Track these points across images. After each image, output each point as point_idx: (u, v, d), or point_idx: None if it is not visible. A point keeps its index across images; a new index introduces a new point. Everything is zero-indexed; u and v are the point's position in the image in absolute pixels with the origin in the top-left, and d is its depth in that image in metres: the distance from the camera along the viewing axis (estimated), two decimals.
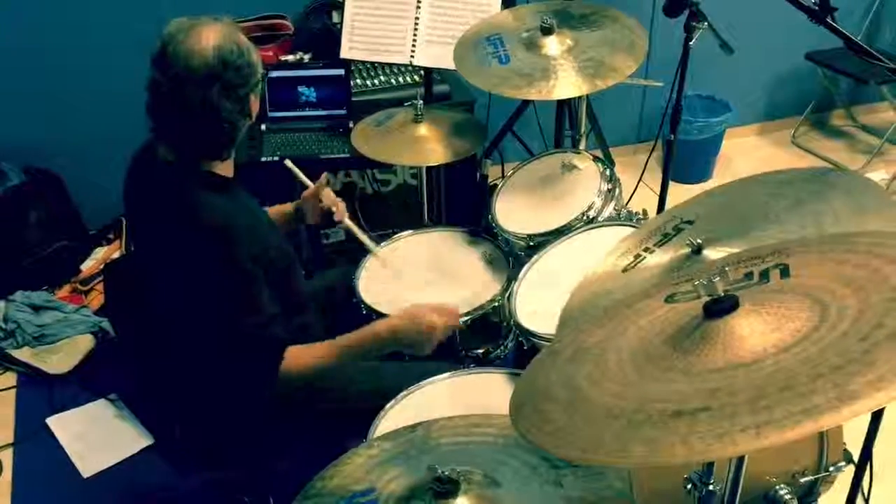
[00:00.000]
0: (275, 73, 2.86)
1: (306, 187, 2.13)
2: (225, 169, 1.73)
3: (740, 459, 1.12)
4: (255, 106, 1.69)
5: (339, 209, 2.09)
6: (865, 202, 1.41)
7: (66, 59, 3.11)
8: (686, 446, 0.82)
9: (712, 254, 1.46)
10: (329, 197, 2.09)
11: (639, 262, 1.59)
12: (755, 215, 1.50)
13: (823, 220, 1.39)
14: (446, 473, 1.15)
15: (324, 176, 2.10)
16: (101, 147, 3.14)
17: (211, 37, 1.58)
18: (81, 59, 3.12)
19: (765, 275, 1.06)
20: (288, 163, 2.17)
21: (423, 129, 2.28)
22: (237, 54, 1.60)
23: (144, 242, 1.83)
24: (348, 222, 2.12)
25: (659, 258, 1.56)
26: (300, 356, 1.68)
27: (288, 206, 2.13)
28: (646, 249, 1.60)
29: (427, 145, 2.25)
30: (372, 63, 3.07)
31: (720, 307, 0.98)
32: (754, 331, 0.94)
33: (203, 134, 1.64)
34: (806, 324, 0.92)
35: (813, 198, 1.46)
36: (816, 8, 1.75)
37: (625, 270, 1.60)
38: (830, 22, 1.74)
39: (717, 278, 0.99)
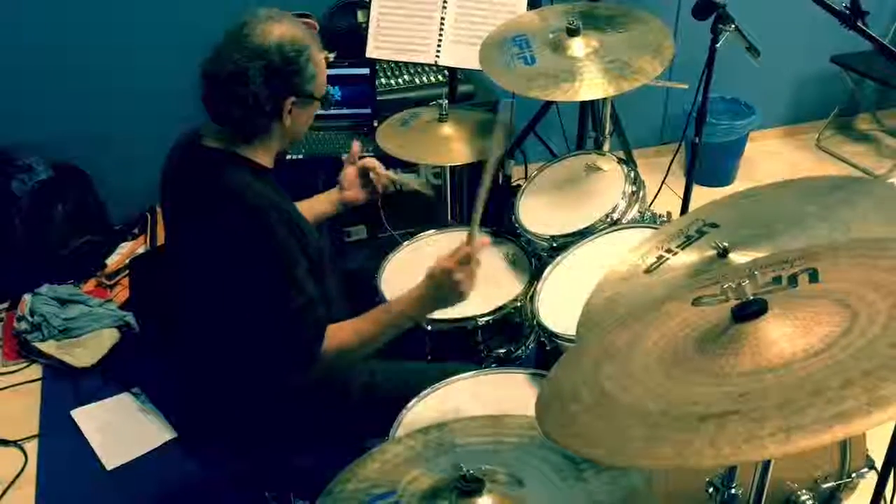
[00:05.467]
0: None
1: None
2: (265, 159, 1.75)
3: (766, 464, 1.12)
4: (293, 117, 1.70)
5: (379, 168, 2.11)
6: (893, 209, 1.40)
7: (92, 57, 3.14)
8: (714, 449, 0.83)
9: (738, 258, 1.45)
10: (370, 161, 2.11)
11: (661, 263, 1.59)
12: (781, 221, 1.50)
13: (851, 228, 1.39)
14: (471, 472, 1.16)
15: (356, 144, 2.14)
16: (127, 144, 3.19)
17: (286, 28, 1.65)
18: (107, 58, 3.15)
19: (793, 279, 1.06)
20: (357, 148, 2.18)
21: (447, 129, 2.28)
22: (297, 51, 1.65)
23: (180, 228, 1.83)
24: (391, 174, 2.13)
25: (682, 260, 1.56)
26: (341, 331, 1.69)
27: (331, 194, 2.14)
28: (668, 251, 1.60)
29: (451, 145, 2.26)
30: (396, 62, 3.08)
31: (749, 311, 0.98)
32: (783, 335, 0.94)
33: (230, 104, 1.65)
34: (835, 329, 0.92)
35: (841, 205, 1.45)
36: (847, 12, 1.74)
37: (647, 271, 1.60)
38: (861, 26, 1.72)
39: (746, 282, 0.99)
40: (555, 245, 2.11)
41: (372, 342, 1.73)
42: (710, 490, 1.25)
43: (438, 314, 1.91)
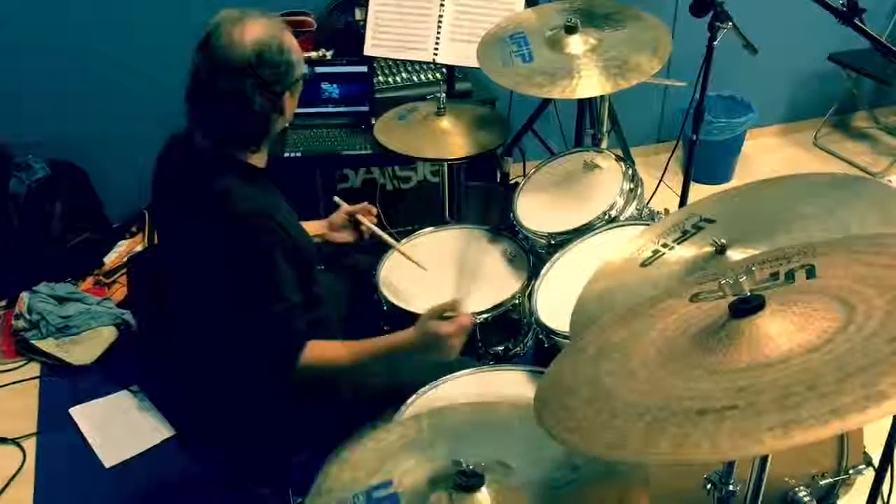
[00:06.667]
0: None
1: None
2: (257, 160, 1.75)
3: (763, 460, 1.12)
4: (289, 104, 1.71)
5: (366, 221, 2.15)
6: (892, 210, 1.40)
7: (91, 57, 3.14)
8: (712, 444, 0.83)
9: (735, 254, 1.46)
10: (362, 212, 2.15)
11: (657, 257, 1.59)
12: (778, 217, 1.50)
13: (849, 226, 1.39)
14: (471, 466, 1.16)
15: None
16: (124, 143, 3.17)
17: (254, 31, 1.61)
18: (106, 58, 3.15)
19: (791, 275, 1.06)
20: (338, 199, 2.21)
21: (445, 123, 2.28)
22: (276, 51, 1.63)
23: (170, 229, 1.84)
24: (376, 230, 2.15)
25: (679, 255, 1.56)
26: (319, 352, 1.69)
27: (320, 225, 2.16)
28: (664, 245, 1.60)
29: (449, 139, 2.26)
30: (394, 60, 3.07)
31: (746, 307, 0.98)
32: (781, 331, 0.94)
33: (233, 124, 1.66)
34: (833, 324, 0.92)
35: (838, 204, 1.45)
36: (845, 9, 1.74)
37: (644, 265, 1.60)
38: (858, 23, 1.72)
39: (744, 278, 0.99)
40: (553, 242, 2.11)
41: (351, 368, 1.73)
42: (709, 486, 1.25)
43: None
